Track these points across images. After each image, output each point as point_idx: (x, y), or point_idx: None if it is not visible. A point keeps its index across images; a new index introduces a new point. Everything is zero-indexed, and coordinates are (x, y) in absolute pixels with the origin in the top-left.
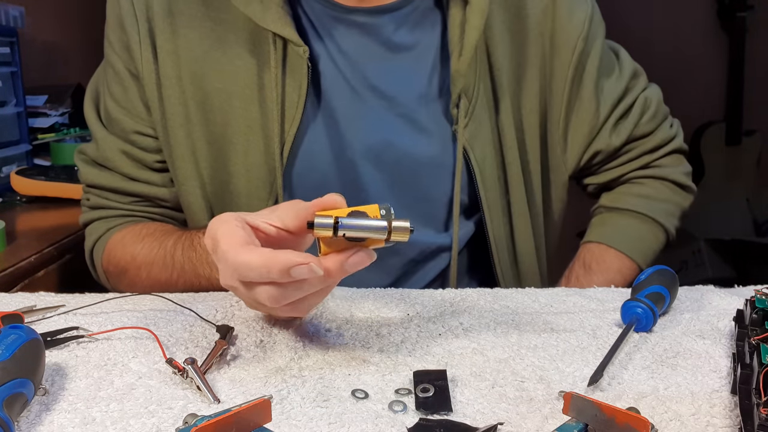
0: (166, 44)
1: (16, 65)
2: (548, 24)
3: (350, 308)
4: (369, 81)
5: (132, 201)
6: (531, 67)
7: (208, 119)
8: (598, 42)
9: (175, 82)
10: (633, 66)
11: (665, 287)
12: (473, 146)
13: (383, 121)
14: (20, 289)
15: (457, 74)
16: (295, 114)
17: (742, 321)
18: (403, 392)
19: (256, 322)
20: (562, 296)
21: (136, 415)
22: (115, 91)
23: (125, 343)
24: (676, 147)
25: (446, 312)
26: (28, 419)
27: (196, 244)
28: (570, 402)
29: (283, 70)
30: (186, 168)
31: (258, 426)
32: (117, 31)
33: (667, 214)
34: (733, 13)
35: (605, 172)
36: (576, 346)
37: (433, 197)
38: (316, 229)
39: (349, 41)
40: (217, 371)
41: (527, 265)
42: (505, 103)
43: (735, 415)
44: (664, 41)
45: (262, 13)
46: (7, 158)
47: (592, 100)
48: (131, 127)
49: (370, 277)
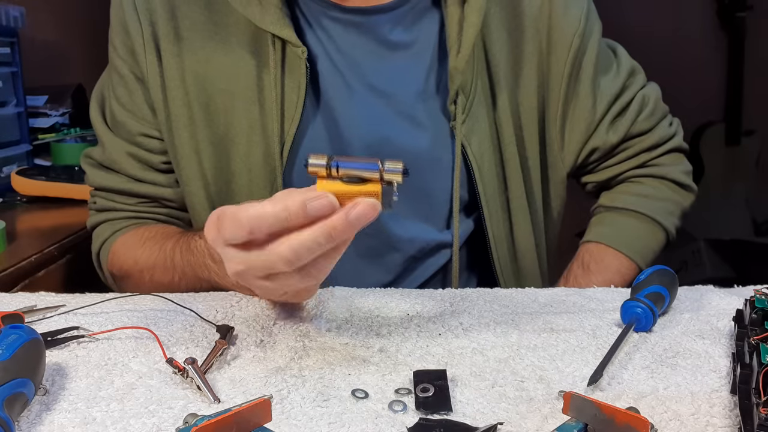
0: (169, 47)
1: (16, 65)
2: (544, 21)
3: (350, 308)
4: (367, 79)
5: (138, 202)
6: (528, 63)
7: (212, 120)
8: (595, 38)
9: (179, 84)
10: (631, 63)
11: (665, 287)
12: (471, 142)
13: (381, 119)
14: (21, 289)
15: (455, 71)
16: (295, 114)
17: (742, 321)
18: (403, 392)
19: (256, 322)
20: (562, 296)
21: (137, 415)
22: (120, 94)
23: (125, 343)
24: (676, 145)
25: (446, 312)
26: (28, 419)
27: (193, 248)
28: (570, 402)
29: (282, 70)
30: (190, 168)
31: (258, 426)
32: (121, 36)
33: (666, 214)
34: (733, 13)
35: (603, 170)
36: (576, 346)
37: (432, 194)
38: (310, 167)
39: (347, 40)
40: (217, 371)
41: (527, 262)
42: (503, 99)
43: (735, 414)
44: (663, 41)
45: (261, 15)
46: (8, 158)
47: (589, 97)
48: (137, 130)
49: (370, 273)
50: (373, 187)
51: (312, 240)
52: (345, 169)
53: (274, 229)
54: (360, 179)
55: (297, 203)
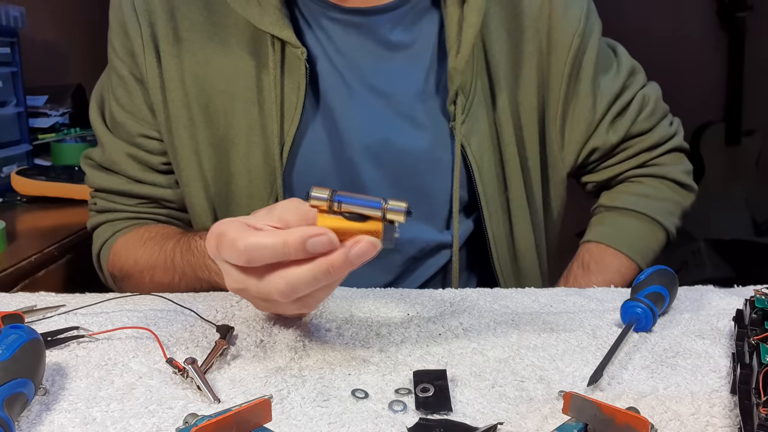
0: (169, 48)
1: (16, 65)
2: (544, 21)
3: (350, 308)
4: (366, 80)
5: (138, 203)
6: (528, 63)
7: (211, 121)
8: (595, 38)
9: (179, 85)
10: (631, 63)
11: (665, 287)
12: (470, 142)
13: (381, 119)
14: (21, 289)
15: (454, 71)
16: (294, 115)
17: (742, 321)
18: (403, 392)
19: (256, 322)
20: (562, 296)
21: (137, 415)
22: (119, 95)
23: (125, 343)
24: (676, 145)
25: (446, 312)
26: (28, 419)
27: (193, 248)
28: (570, 402)
29: (282, 71)
30: (190, 170)
31: (258, 426)
32: (120, 37)
33: (666, 213)
34: (733, 13)
35: (603, 170)
36: (576, 346)
37: (432, 194)
38: (312, 200)
39: (346, 41)
40: (217, 371)
41: (527, 262)
42: (503, 99)
43: (735, 414)
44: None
45: (260, 16)
46: (8, 158)
47: (589, 97)
48: (136, 131)
49: (370, 274)
50: (374, 225)
51: (310, 276)
52: (347, 205)
53: (272, 261)
54: (361, 216)
55: (296, 239)
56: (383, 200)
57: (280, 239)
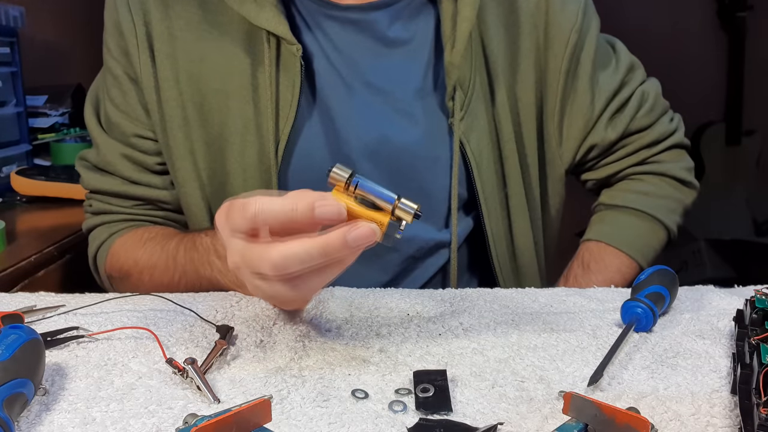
0: (163, 47)
1: (16, 65)
2: (541, 17)
3: (350, 308)
4: (364, 77)
5: (134, 205)
6: (526, 59)
7: (206, 120)
8: (592, 34)
9: (173, 84)
10: (630, 59)
11: (665, 287)
12: (469, 139)
13: (379, 117)
14: (20, 289)
15: (450, 66)
16: (289, 112)
17: (742, 321)
18: (403, 392)
19: (256, 322)
20: (562, 296)
21: (136, 415)
22: (114, 95)
23: (125, 343)
24: (676, 142)
25: (446, 312)
26: (28, 419)
27: (198, 245)
28: (570, 402)
29: (277, 68)
30: (185, 169)
31: (258, 426)
32: (115, 37)
33: (667, 211)
34: (733, 13)
35: (603, 167)
36: (576, 346)
37: (431, 192)
38: (332, 175)
39: (344, 38)
40: (217, 371)
41: (526, 260)
42: (501, 95)
43: (735, 415)
44: (663, 41)
45: (256, 12)
46: (7, 158)
47: (587, 93)
48: (131, 131)
49: (369, 273)
50: (381, 217)
51: (303, 251)
52: (363, 190)
53: (279, 221)
54: (373, 205)
55: (306, 203)
56: (398, 197)
57: (290, 201)
